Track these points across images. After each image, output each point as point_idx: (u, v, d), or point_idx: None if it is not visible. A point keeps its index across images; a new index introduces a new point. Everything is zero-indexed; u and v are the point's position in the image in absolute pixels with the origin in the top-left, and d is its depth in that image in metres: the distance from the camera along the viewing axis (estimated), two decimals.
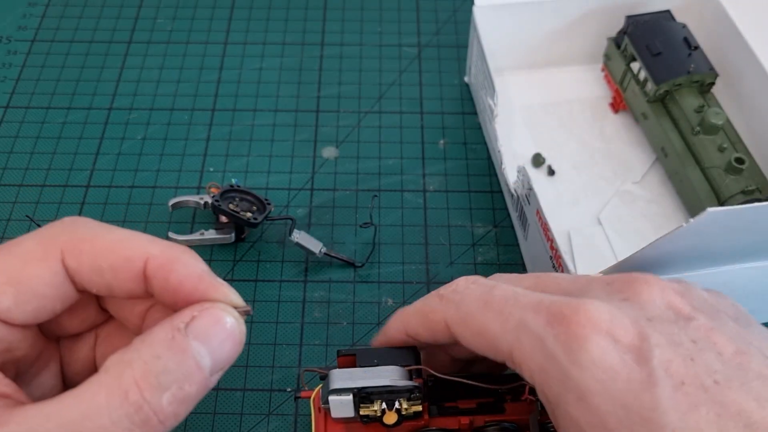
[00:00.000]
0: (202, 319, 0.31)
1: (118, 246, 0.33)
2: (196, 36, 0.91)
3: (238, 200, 0.70)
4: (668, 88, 0.75)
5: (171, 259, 0.33)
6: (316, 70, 0.87)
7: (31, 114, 0.82)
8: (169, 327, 0.31)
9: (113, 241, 0.33)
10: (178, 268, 0.33)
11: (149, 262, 0.33)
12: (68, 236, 0.33)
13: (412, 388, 0.39)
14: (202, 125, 0.81)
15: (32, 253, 0.33)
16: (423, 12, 0.94)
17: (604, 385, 0.30)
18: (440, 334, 0.39)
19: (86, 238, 0.33)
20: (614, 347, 0.31)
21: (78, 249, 0.33)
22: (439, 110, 0.83)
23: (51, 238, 0.33)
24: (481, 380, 0.40)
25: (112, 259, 0.33)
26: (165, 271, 0.33)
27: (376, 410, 0.39)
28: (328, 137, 0.80)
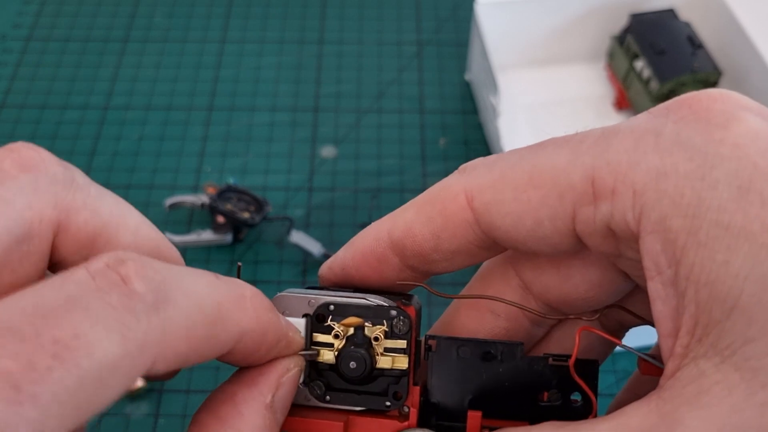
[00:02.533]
0: (285, 388, 0.27)
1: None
2: (194, 34, 0.90)
3: (236, 200, 0.70)
4: (672, 87, 0.74)
5: (264, 332, 0.25)
6: (315, 69, 0.86)
7: (26, 113, 0.81)
8: (260, 404, 0.26)
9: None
10: (269, 339, 0.26)
11: (242, 340, 0.25)
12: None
13: (391, 308, 0.28)
14: (199, 124, 0.80)
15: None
16: (423, 9, 0.93)
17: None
18: (455, 220, 0.27)
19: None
20: (764, 122, 0.24)
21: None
22: (440, 109, 0.82)
23: None
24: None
25: (203, 352, 0.23)
26: (256, 346, 0.26)
27: (336, 342, 0.28)
28: (327, 136, 0.79)
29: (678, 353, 0.23)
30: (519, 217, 0.26)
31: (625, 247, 0.25)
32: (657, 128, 0.24)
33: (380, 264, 0.29)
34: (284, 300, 0.28)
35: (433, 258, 0.28)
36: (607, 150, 0.24)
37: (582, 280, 0.29)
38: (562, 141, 0.26)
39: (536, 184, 0.25)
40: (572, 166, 0.25)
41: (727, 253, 0.22)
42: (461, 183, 0.27)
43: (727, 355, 0.22)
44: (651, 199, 0.23)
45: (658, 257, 0.23)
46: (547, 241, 0.26)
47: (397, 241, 0.28)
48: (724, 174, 0.22)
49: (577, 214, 0.25)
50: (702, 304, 0.22)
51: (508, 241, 0.27)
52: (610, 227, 0.24)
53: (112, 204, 0.25)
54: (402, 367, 0.28)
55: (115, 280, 0.20)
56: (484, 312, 0.31)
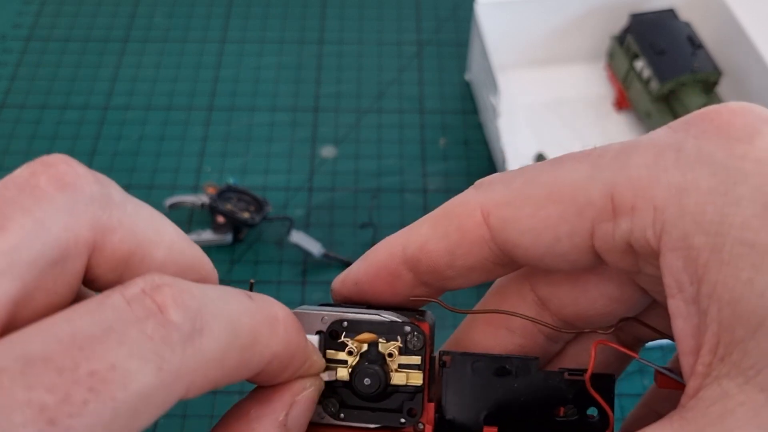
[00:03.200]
0: (300, 407, 0.26)
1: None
2: (194, 34, 0.90)
3: (236, 200, 0.70)
4: (672, 87, 0.74)
5: (292, 356, 0.25)
6: (315, 69, 0.86)
7: (26, 113, 0.81)
8: (273, 422, 0.26)
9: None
10: (295, 363, 0.26)
11: (271, 363, 0.25)
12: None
13: (405, 324, 0.28)
14: (199, 124, 0.80)
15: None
16: (423, 9, 0.93)
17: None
18: (470, 237, 0.26)
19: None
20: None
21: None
22: (440, 109, 0.82)
23: None
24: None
25: (235, 377, 0.24)
26: (282, 369, 0.26)
27: (350, 359, 0.28)
28: (327, 136, 0.79)
29: (700, 372, 0.22)
30: (537, 234, 0.25)
31: (644, 263, 0.25)
32: (678, 143, 0.24)
33: (394, 279, 0.28)
34: (297, 317, 0.28)
35: (447, 274, 0.27)
36: (627, 165, 0.24)
37: (599, 295, 0.28)
38: (581, 156, 0.26)
39: (555, 199, 0.25)
40: (591, 181, 0.24)
41: (751, 271, 0.21)
42: (477, 199, 0.27)
43: (751, 375, 0.21)
44: (672, 215, 0.23)
45: (680, 275, 0.23)
46: (565, 258, 0.26)
47: (411, 257, 0.28)
48: (748, 190, 0.22)
49: (596, 230, 0.25)
50: (725, 323, 0.22)
51: (525, 258, 0.26)
52: (630, 244, 0.24)
53: (148, 220, 0.24)
54: (417, 384, 0.28)
55: (152, 308, 0.20)
56: (498, 328, 0.30)
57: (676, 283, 0.23)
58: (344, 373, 0.28)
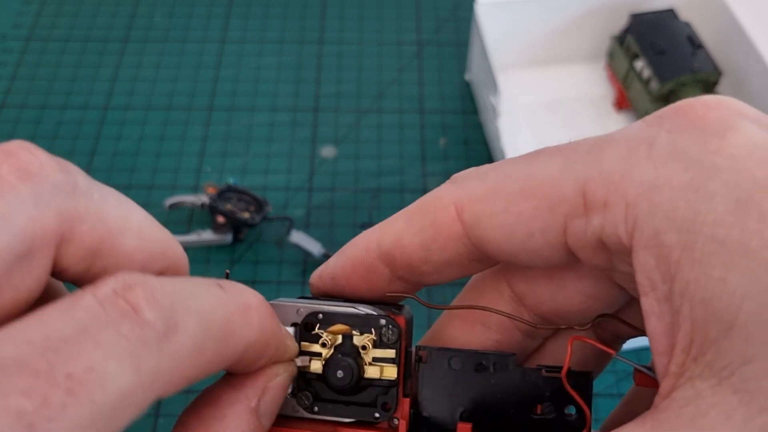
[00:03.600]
0: (272, 393, 0.26)
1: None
2: (194, 34, 0.90)
3: (236, 200, 0.70)
4: (672, 87, 0.74)
5: (267, 343, 0.25)
6: (315, 69, 0.86)
7: (26, 113, 0.81)
8: (244, 407, 0.25)
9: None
10: (270, 350, 0.26)
11: (246, 351, 0.24)
12: None
13: (380, 317, 0.27)
14: (199, 124, 0.80)
15: None
16: (423, 9, 0.93)
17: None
18: (445, 233, 0.26)
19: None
20: (762, 132, 0.23)
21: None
22: (440, 109, 0.82)
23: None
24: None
25: (209, 370, 0.23)
26: (258, 356, 0.26)
27: (324, 351, 0.28)
28: (327, 136, 0.79)
29: (673, 372, 0.22)
30: (510, 230, 0.25)
31: (618, 260, 0.24)
32: (651, 137, 0.23)
33: (370, 274, 0.28)
34: (273, 308, 0.28)
35: (423, 269, 0.27)
36: (599, 159, 0.24)
37: (576, 291, 0.28)
38: (555, 150, 0.25)
39: (528, 195, 0.25)
40: (564, 176, 0.24)
41: (723, 269, 0.21)
42: (452, 194, 0.26)
43: (725, 376, 0.21)
44: (644, 212, 0.22)
45: (652, 273, 0.22)
46: (538, 255, 0.25)
47: (387, 252, 0.27)
48: (721, 186, 0.21)
49: (568, 226, 0.24)
50: (698, 323, 0.21)
51: (499, 255, 0.26)
52: (602, 240, 0.24)
53: (116, 207, 0.24)
54: (391, 378, 0.27)
55: (125, 308, 0.20)
56: (474, 324, 0.30)
57: (648, 281, 0.22)
58: (318, 366, 0.28)
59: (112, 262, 0.23)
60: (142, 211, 0.25)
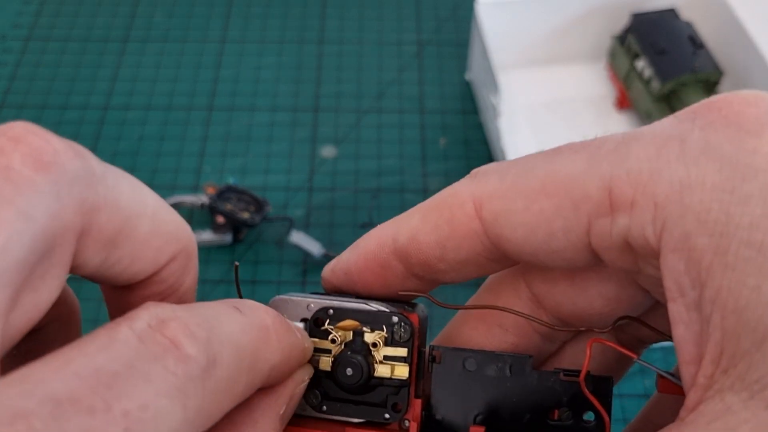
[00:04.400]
0: (296, 398, 0.26)
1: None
2: (194, 34, 0.90)
3: (236, 200, 0.69)
4: (673, 87, 0.74)
5: (289, 358, 0.25)
6: (315, 69, 0.86)
7: (25, 113, 0.81)
8: (275, 414, 0.25)
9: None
10: (293, 363, 0.26)
11: (270, 374, 0.24)
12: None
13: (392, 314, 0.26)
14: (199, 124, 0.80)
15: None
16: (423, 9, 0.92)
17: None
18: (462, 230, 0.25)
19: None
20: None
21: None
22: (440, 109, 0.82)
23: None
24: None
25: (239, 400, 0.23)
26: (283, 374, 0.25)
27: (334, 348, 0.27)
28: (327, 136, 0.79)
29: (701, 383, 0.21)
30: (530, 229, 0.24)
31: (644, 263, 0.23)
32: (682, 134, 0.22)
33: (384, 270, 0.27)
34: (282, 303, 0.27)
35: (439, 267, 0.26)
36: (626, 157, 0.22)
37: (598, 294, 0.26)
38: (579, 146, 0.24)
39: (549, 192, 0.23)
40: (588, 174, 0.23)
41: (759, 277, 0.20)
42: (470, 190, 0.25)
43: (757, 390, 0.20)
44: (674, 213, 0.21)
45: (681, 278, 0.21)
46: (560, 255, 0.24)
47: (402, 248, 0.26)
48: (757, 188, 0.20)
49: (593, 226, 0.23)
50: (729, 332, 0.20)
51: (518, 254, 0.25)
52: (628, 242, 0.22)
53: (130, 191, 0.22)
54: (402, 377, 0.26)
55: (166, 344, 0.19)
56: (491, 325, 0.28)
57: (677, 286, 0.21)
58: (327, 363, 0.27)
59: (128, 251, 0.22)
60: (153, 193, 0.24)
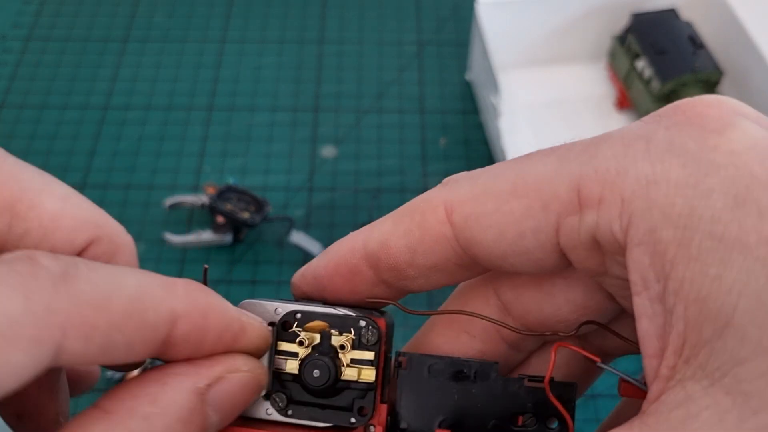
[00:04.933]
0: (228, 387, 0.24)
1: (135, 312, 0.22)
2: (194, 34, 0.89)
3: (236, 200, 0.69)
4: (673, 87, 0.74)
5: (203, 315, 0.23)
6: (315, 68, 0.86)
7: (25, 113, 0.81)
8: (189, 384, 0.23)
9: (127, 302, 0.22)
10: (211, 324, 0.24)
11: (177, 325, 0.22)
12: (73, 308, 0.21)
13: (360, 318, 0.26)
14: (199, 124, 0.80)
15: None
16: (424, 9, 0.92)
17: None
18: (433, 234, 0.25)
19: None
20: (762, 130, 0.23)
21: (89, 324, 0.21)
22: (440, 109, 0.82)
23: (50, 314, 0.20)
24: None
25: (128, 332, 0.21)
26: (198, 333, 0.23)
27: (301, 350, 0.26)
28: (327, 136, 0.79)
29: (663, 375, 0.21)
30: (500, 231, 0.24)
31: (611, 262, 0.24)
32: (648, 134, 0.23)
33: (353, 276, 0.27)
34: (250, 307, 0.27)
35: (408, 274, 0.26)
36: (594, 157, 0.23)
37: (565, 300, 0.27)
38: (549, 151, 0.25)
39: (520, 194, 0.24)
40: (558, 174, 0.24)
41: (720, 267, 0.20)
42: (442, 195, 0.26)
43: (717, 378, 0.20)
44: (640, 208, 0.22)
45: (646, 271, 0.22)
46: (529, 257, 0.25)
47: (372, 253, 0.26)
48: (719, 182, 0.21)
49: (562, 225, 0.23)
50: (691, 322, 0.21)
51: (488, 257, 0.25)
52: (596, 239, 0.23)
53: (33, 171, 0.23)
54: (369, 380, 0.26)
55: (22, 256, 0.20)
56: (458, 332, 0.29)
57: (641, 279, 0.22)
58: (294, 366, 0.26)
59: (35, 224, 0.23)
60: (67, 186, 0.25)
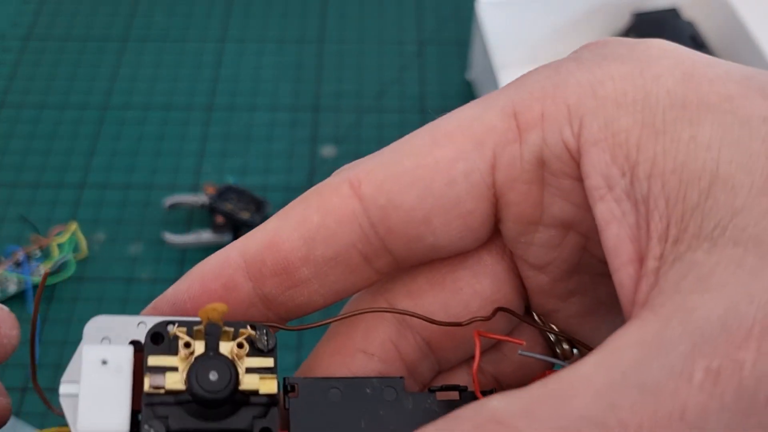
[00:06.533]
0: None
1: None
2: (193, 33, 0.89)
3: (236, 200, 0.69)
4: None
5: None
6: (315, 68, 0.85)
7: (24, 112, 0.81)
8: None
9: None
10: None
11: None
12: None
13: (246, 324, 0.21)
14: (198, 124, 0.80)
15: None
16: (424, 8, 0.92)
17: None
18: (337, 214, 0.22)
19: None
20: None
21: None
22: (441, 108, 0.81)
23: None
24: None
25: None
26: None
27: (182, 362, 0.20)
28: (327, 136, 0.79)
29: (651, 268, 0.19)
30: (425, 185, 0.21)
31: (559, 180, 0.21)
32: (575, 56, 0.22)
33: (227, 292, 0.22)
34: (101, 323, 0.21)
35: (300, 275, 0.22)
36: (524, 84, 0.21)
37: (473, 293, 0.24)
38: (471, 102, 0.23)
39: (442, 142, 0.21)
40: (487, 110, 0.21)
41: (691, 128, 0.19)
42: (341, 175, 0.22)
43: (718, 235, 0.18)
44: (590, 107, 0.20)
45: (608, 168, 0.20)
46: (457, 213, 0.22)
47: (253, 258, 0.22)
48: (663, 68, 0.20)
49: (499, 158, 0.21)
50: (673, 196, 0.19)
51: (405, 228, 0.22)
52: (542, 159, 0.21)
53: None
54: (272, 392, 0.21)
55: None
56: (351, 353, 0.24)
57: (604, 180, 0.20)
58: (177, 379, 0.20)
59: None
60: None
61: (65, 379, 0.20)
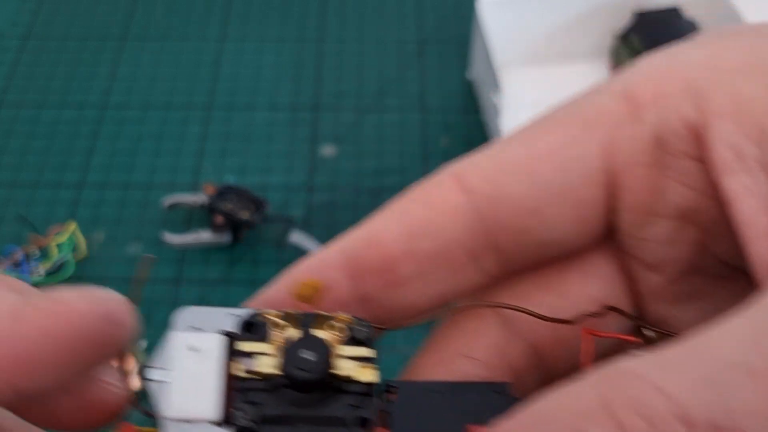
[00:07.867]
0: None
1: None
2: (193, 32, 0.89)
3: (235, 200, 0.69)
4: None
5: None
6: (315, 67, 0.85)
7: (23, 112, 0.81)
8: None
9: None
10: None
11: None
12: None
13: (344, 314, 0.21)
14: (198, 123, 0.80)
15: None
16: (425, 7, 0.92)
17: None
18: (442, 208, 0.21)
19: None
20: None
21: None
22: (441, 107, 0.81)
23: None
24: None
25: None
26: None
27: (273, 349, 0.20)
28: (328, 135, 0.79)
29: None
30: (535, 171, 0.20)
31: (678, 161, 0.20)
32: (689, 40, 0.21)
33: (324, 291, 0.21)
34: (192, 314, 0.21)
35: (401, 273, 0.21)
36: (636, 67, 0.21)
37: (582, 296, 0.23)
38: (580, 91, 0.22)
39: (551, 129, 0.21)
40: (598, 94, 0.21)
41: None
42: (446, 171, 0.22)
43: None
44: (711, 80, 0.19)
45: (738, 139, 0.18)
46: (569, 202, 0.20)
47: (355, 254, 0.21)
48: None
49: (613, 141, 0.20)
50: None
51: (514, 218, 0.21)
52: (661, 139, 0.20)
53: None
54: (371, 380, 0.20)
55: None
56: (455, 358, 0.23)
57: (733, 153, 0.18)
58: (270, 363, 0.20)
59: None
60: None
61: (153, 365, 0.20)
